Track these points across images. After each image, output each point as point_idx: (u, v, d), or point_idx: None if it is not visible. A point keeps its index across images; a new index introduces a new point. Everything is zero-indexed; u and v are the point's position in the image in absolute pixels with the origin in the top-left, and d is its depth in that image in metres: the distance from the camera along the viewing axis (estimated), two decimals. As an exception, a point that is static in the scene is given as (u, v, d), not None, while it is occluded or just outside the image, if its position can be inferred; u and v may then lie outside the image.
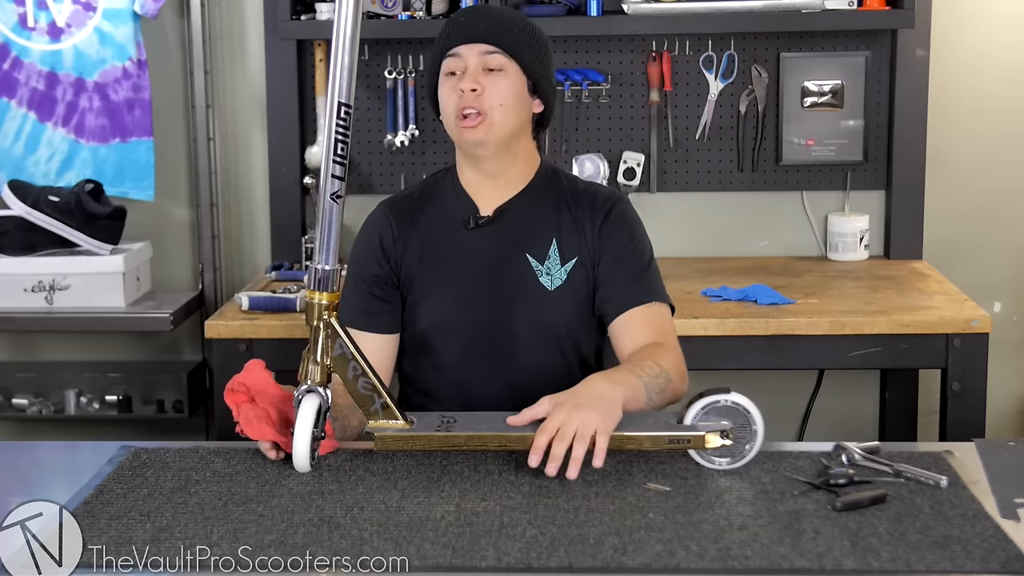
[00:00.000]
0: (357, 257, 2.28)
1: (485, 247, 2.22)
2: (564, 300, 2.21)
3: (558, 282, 2.21)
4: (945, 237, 3.44)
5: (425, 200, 2.28)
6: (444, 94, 2.18)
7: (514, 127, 2.18)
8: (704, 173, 3.43)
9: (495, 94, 2.14)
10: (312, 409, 1.89)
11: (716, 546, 1.65)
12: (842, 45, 3.37)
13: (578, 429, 1.82)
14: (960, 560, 1.61)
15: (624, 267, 2.21)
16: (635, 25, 3.20)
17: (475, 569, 1.60)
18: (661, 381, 2.02)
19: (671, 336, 2.18)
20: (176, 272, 3.53)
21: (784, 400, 3.48)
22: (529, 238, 2.22)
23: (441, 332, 2.23)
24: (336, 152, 1.88)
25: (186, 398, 3.39)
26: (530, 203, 2.24)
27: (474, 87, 2.13)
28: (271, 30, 3.34)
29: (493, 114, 2.14)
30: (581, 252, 2.22)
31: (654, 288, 2.22)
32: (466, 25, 2.18)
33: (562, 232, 2.23)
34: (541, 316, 2.21)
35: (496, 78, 2.15)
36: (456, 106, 2.15)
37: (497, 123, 2.15)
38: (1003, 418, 3.48)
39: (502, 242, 2.22)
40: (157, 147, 3.39)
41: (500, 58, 2.16)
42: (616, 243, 2.23)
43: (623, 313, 2.18)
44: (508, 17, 2.22)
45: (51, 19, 3.32)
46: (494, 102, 2.14)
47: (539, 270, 2.21)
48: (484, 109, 2.14)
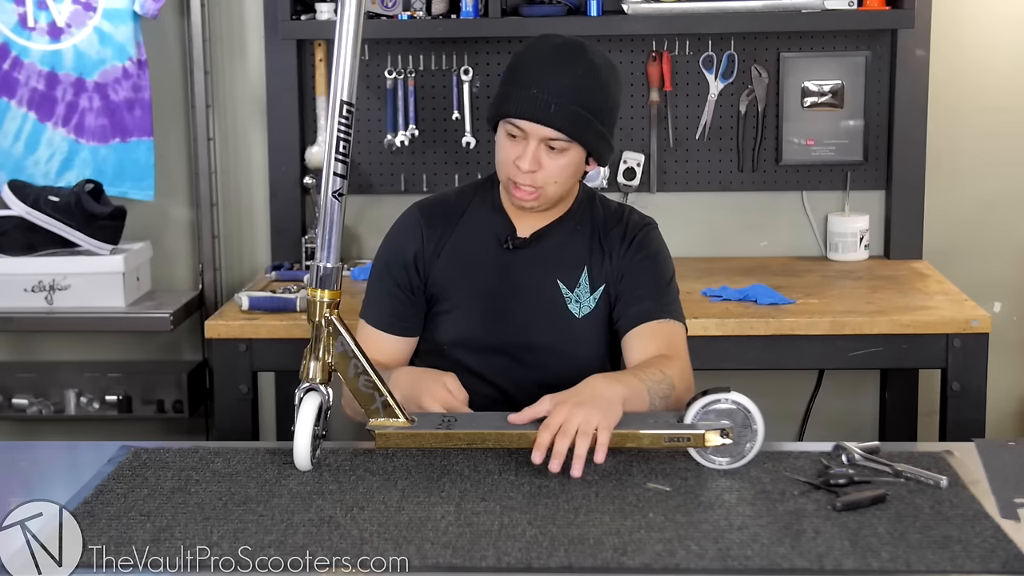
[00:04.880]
0: (388, 259, 2.26)
1: (518, 269, 2.23)
2: (591, 328, 2.23)
3: (586, 310, 2.23)
4: (945, 237, 3.44)
5: (462, 210, 2.27)
6: (502, 149, 2.14)
7: (565, 190, 2.19)
8: (704, 173, 3.43)
9: (551, 173, 2.12)
10: (313, 408, 1.89)
11: (716, 546, 1.65)
12: (842, 45, 3.37)
13: (580, 426, 1.83)
14: (960, 560, 1.61)
15: (642, 285, 2.22)
16: (635, 25, 3.20)
17: (475, 569, 1.60)
18: (664, 387, 2.02)
19: (681, 350, 2.17)
20: (176, 272, 3.53)
21: (784, 400, 3.48)
22: (561, 265, 2.23)
23: (463, 347, 2.24)
24: (338, 150, 1.88)
25: (186, 398, 3.39)
26: (567, 230, 2.25)
27: (533, 169, 2.11)
28: (271, 30, 3.34)
29: (547, 189, 2.14)
30: (608, 278, 2.23)
31: (670, 307, 2.22)
32: (538, 104, 2.07)
33: (592, 260, 2.24)
34: (567, 343, 2.22)
35: (555, 157, 2.11)
36: (512, 171, 2.12)
37: (549, 195, 2.16)
38: (1003, 418, 3.48)
39: (535, 266, 2.23)
40: (157, 147, 3.39)
41: (563, 143, 2.10)
42: (637, 263, 2.23)
43: (635, 327, 2.19)
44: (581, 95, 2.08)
45: (51, 19, 3.32)
46: (550, 180, 2.13)
47: (568, 297, 2.23)
48: (539, 185, 2.13)
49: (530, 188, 2.13)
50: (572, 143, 2.11)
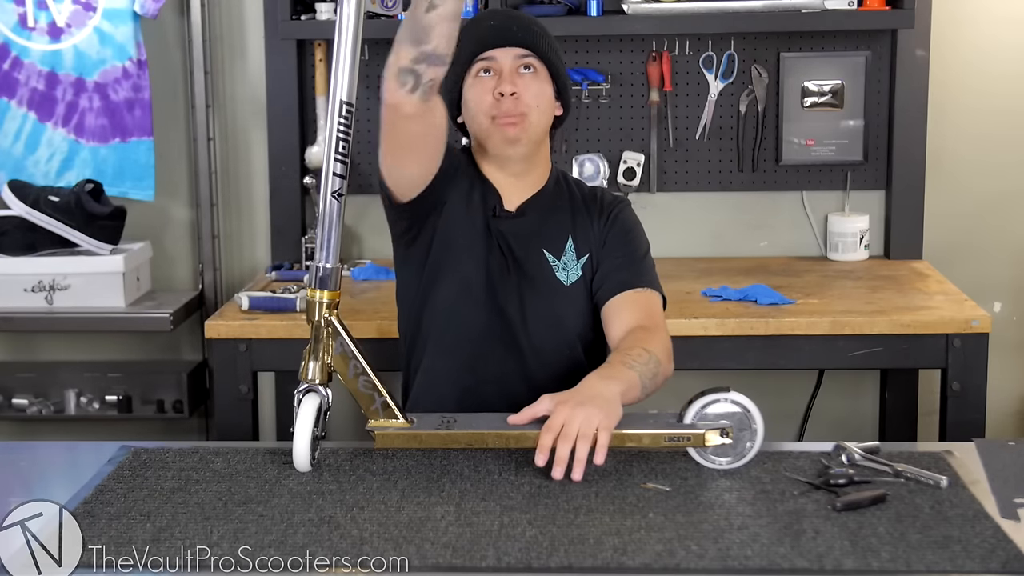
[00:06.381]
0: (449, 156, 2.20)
1: (506, 239, 2.25)
2: (578, 295, 2.26)
3: (574, 277, 2.26)
4: (945, 237, 3.44)
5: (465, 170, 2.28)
6: (476, 94, 2.20)
7: (545, 128, 2.25)
8: (704, 173, 3.43)
9: (532, 95, 2.19)
10: (312, 409, 1.89)
11: (716, 546, 1.65)
12: (842, 45, 3.37)
13: (580, 427, 1.83)
14: (960, 560, 1.61)
15: (619, 257, 2.27)
16: (635, 25, 3.20)
17: (475, 569, 1.60)
18: (652, 367, 2.05)
19: (659, 320, 2.21)
20: (176, 272, 3.53)
21: (784, 400, 3.48)
22: (547, 235, 2.27)
23: (456, 317, 2.24)
24: (338, 150, 1.88)
25: (186, 398, 3.39)
26: (547, 203, 2.30)
27: (513, 90, 2.17)
28: (271, 30, 3.34)
29: (531, 114, 2.19)
30: (591, 249, 2.28)
31: (646, 276, 2.27)
32: (501, 29, 2.22)
33: (577, 230, 2.29)
34: (555, 310, 2.25)
35: (530, 80, 2.20)
36: (491, 107, 2.18)
37: (533, 123, 2.20)
38: (1003, 418, 3.48)
39: (522, 236, 2.26)
40: (157, 147, 3.39)
41: (533, 60, 2.20)
42: (615, 237, 2.29)
43: (614, 296, 2.23)
44: (534, 22, 2.27)
45: (51, 19, 3.32)
46: (532, 103, 2.19)
47: (556, 265, 2.26)
48: (522, 110, 2.18)
49: (515, 116, 2.17)
50: (541, 63, 2.20)
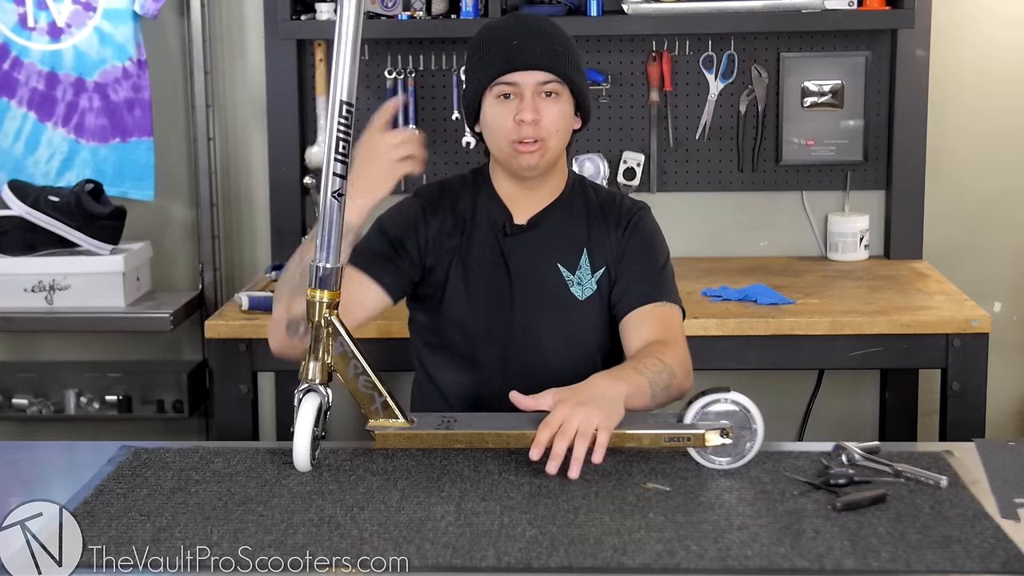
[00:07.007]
0: (384, 222, 2.25)
1: (518, 255, 2.24)
2: (594, 310, 2.24)
3: (589, 292, 2.24)
4: (945, 237, 3.44)
5: (458, 197, 2.28)
6: (496, 117, 2.17)
7: (563, 147, 2.23)
8: (704, 173, 3.43)
9: (552, 120, 2.16)
10: (312, 408, 1.89)
11: (716, 546, 1.65)
12: (842, 45, 3.37)
13: (580, 426, 1.83)
14: (960, 560, 1.61)
15: (638, 268, 2.24)
16: (635, 25, 3.20)
17: (475, 569, 1.60)
18: (665, 377, 2.03)
19: (678, 334, 2.19)
20: (176, 272, 3.53)
21: (784, 400, 3.48)
22: (561, 248, 2.25)
23: (472, 338, 2.24)
24: (338, 150, 1.88)
25: (186, 398, 3.39)
26: (562, 213, 2.27)
27: (535, 117, 2.14)
28: (271, 30, 3.34)
29: (550, 139, 2.17)
30: (608, 260, 2.25)
31: (666, 289, 2.23)
32: (524, 51, 2.15)
33: (592, 242, 2.26)
34: (571, 325, 2.23)
35: (551, 104, 2.16)
36: (511, 131, 2.15)
37: (552, 148, 2.18)
38: (1003, 418, 3.48)
39: (535, 251, 2.24)
40: (157, 147, 3.39)
41: (556, 85, 2.16)
42: (634, 247, 2.26)
43: (633, 311, 2.20)
44: (558, 38, 2.20)
45: (51, 19, 3.32)
46: (551, 128, 2.16)
47: (570, 280, 2.24)
48: (542, 135, 2.16)
49: (534, 143, 2.15)
50: (563, 86, 2.16)
